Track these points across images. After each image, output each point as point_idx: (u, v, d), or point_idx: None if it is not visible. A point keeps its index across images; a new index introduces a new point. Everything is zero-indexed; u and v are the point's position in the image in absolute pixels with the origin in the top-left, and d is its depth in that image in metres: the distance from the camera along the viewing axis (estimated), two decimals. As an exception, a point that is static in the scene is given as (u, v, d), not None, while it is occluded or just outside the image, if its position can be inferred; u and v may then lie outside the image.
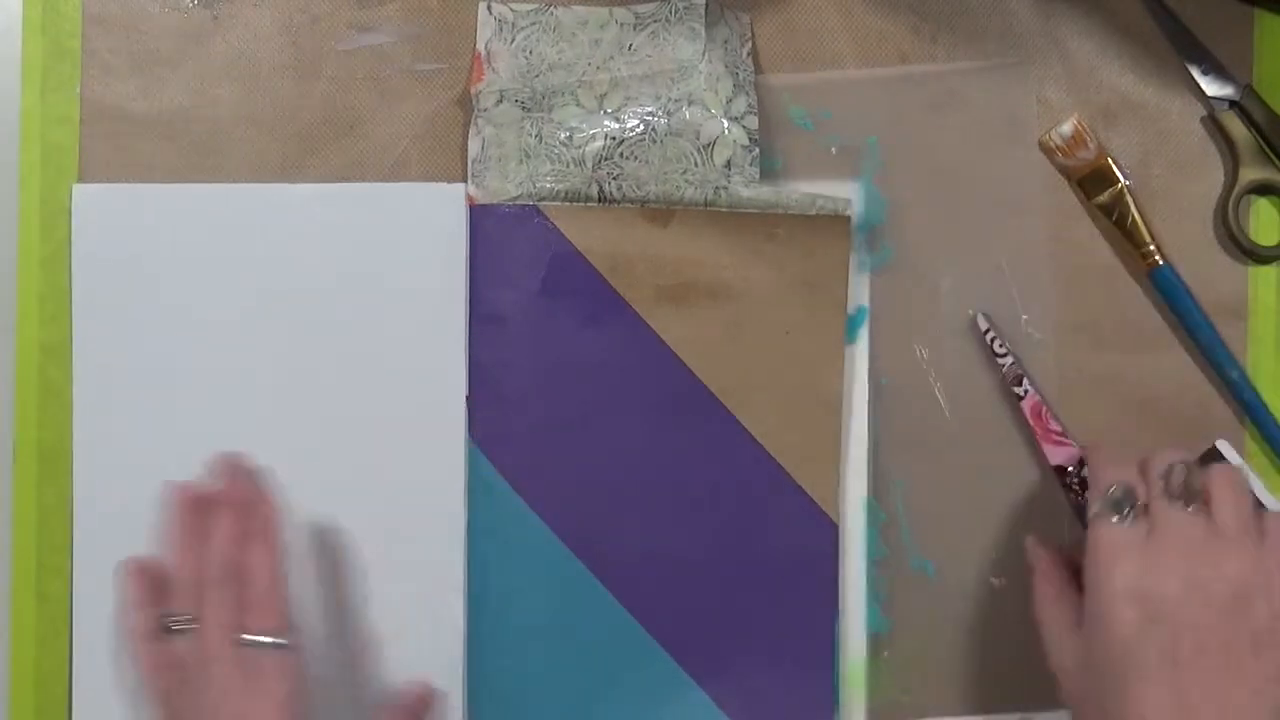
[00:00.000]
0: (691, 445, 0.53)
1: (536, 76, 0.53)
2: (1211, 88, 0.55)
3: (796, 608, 0.53)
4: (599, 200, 0.52)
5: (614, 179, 0.52)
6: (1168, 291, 0.55)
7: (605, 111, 0.53)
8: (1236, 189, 0.55)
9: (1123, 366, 0.55)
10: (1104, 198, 0.55)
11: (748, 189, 0.52)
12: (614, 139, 0.52)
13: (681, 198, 0.52)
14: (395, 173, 0.54)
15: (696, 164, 0.52)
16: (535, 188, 0.52)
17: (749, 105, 0.53)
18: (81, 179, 0.54)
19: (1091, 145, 0.55)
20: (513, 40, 0.54)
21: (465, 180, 0.54)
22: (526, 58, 0.54)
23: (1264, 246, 0.55)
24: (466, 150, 0.54)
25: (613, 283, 0.53)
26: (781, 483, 0.53)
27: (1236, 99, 0.55)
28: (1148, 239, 0.55)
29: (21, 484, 0.54)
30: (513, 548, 0.53)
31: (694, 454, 0.53)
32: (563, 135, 0.52)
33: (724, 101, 0.52)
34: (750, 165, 0.52)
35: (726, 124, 0.52)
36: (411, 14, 0.55)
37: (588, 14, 0.54)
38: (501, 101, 0.53)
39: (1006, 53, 0.56)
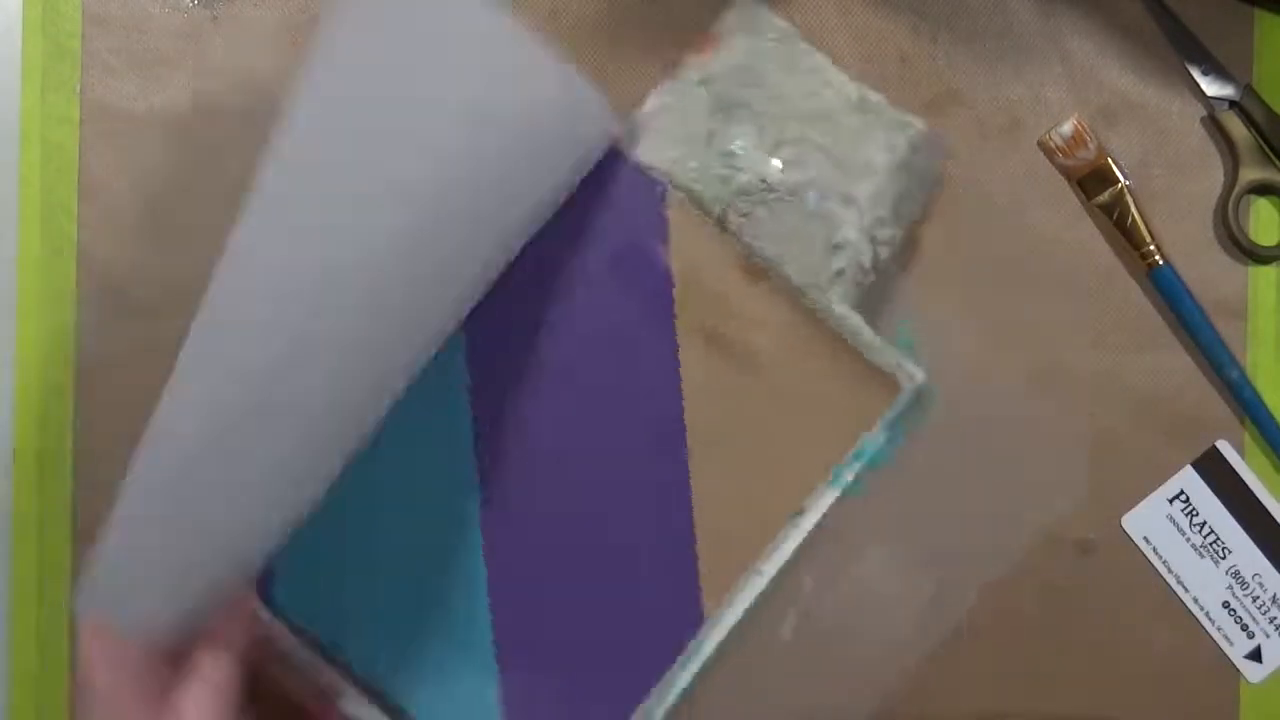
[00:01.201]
0: (639, 478, 0.52)
1: (743, 85, 0.52)
2: (1211, 88, 0.55)
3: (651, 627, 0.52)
4: (718, 225, 0.52)
5: (742, 215, 0.51)
6: (1168, 291, 0.55)
7: (773, 157, 0.51)
8: (1236, 189, 0.55)
9: (1123, 366, 0.55)
10: (1104, 198, 0.55)
11: (839, 306, 0.51)
12: (765, 183, 0.51)
13: (783, 271, 0.51)
14: (395, 173, 0.54)
15: (814, 253, 0.51)
16: (679, 168, 0.51)
17: (891, 237, 0.52)
18: (81, 179, 0.54)
19: (1091, 145, 0.55)
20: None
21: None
22: (749, 65, 0.53)
23: (1264, 246, 0.55)
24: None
25: (676, 299, 0.52)
26: (685, 539, 0.52)
27: (1236, 99, 0.55)
28: (1148, 239, 0.55)
29: (21, 484, 0.54)
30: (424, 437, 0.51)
31: (636, 483, 0.52)
32: (729, 145, 0.52)
33: (875, 218, 0.51)
34: (855, 288, 0.51)
35: (863, 239, 0.51)
36: (411, 14, 0.55)
37: (820, 63, 0.53)
38: (702, 84, 0.52)
39: (1006, 52, 0.56)
